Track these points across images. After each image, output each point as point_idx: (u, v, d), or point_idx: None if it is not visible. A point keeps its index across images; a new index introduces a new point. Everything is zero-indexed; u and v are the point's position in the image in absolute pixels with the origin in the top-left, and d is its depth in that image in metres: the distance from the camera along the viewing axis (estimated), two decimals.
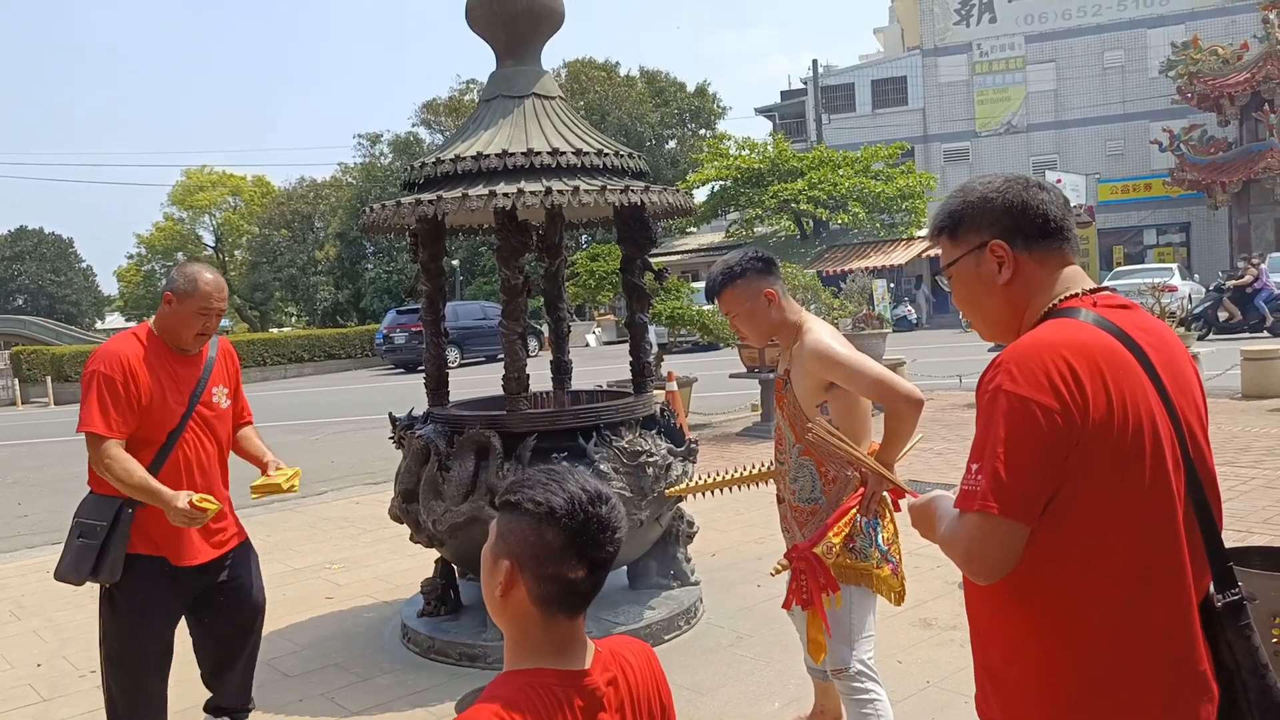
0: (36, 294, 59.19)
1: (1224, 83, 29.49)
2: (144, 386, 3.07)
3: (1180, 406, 1.53)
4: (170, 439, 3.14)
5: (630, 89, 43.69)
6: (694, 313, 12.42)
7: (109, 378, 3.02)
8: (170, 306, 3.13)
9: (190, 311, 3.12)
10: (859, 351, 2.91)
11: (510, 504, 1.39)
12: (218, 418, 3.29)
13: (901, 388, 2.76)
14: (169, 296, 3.13)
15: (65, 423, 18.98)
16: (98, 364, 3.05)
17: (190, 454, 3.18)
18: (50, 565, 6.93)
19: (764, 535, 6.15)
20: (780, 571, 2.92)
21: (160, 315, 3.18)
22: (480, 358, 26.40)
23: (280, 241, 49.97)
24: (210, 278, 3.17)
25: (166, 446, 3.13)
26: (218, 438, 3.30)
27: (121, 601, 3.15)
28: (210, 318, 3.15)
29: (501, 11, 4.60)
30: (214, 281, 3.17)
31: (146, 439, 3.10)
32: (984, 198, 1.67)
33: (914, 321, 29.78)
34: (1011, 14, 37.66)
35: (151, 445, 3.11)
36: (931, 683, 3.86)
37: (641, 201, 4.36)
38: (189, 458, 3.18)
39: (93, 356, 3.11)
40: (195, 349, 3.24)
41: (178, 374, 3.18)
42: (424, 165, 4.52)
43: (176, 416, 3.14)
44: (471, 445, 4.35)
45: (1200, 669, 1.50)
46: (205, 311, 3.13)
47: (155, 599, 3.17)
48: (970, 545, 1.47)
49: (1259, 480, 6.89)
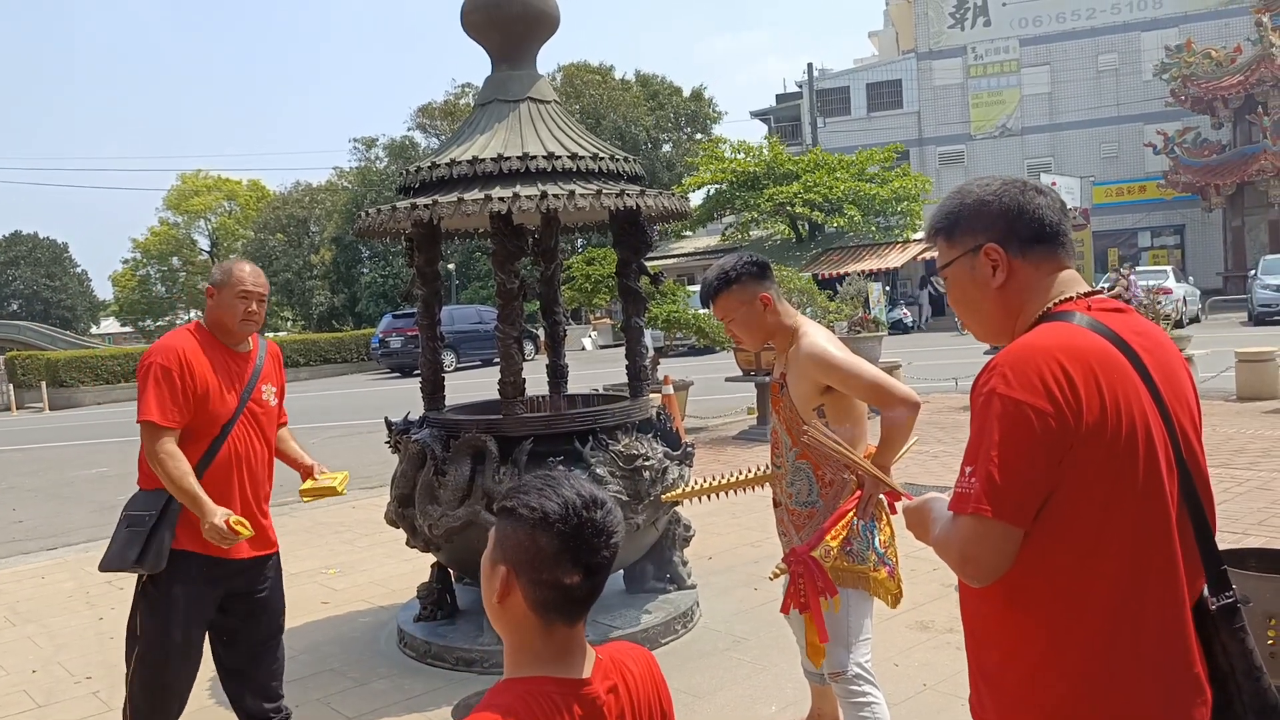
0: (31, 299, 59.07)
1: (1217, 85, 29.61)
2: (199, 377, 3.12)
3: (1174, 410, 1.53)
4: (223, 432, 3.17)
5: (625, 93, 43.76)
6: (690, 316, 12.44)
7: (165, 368, 3.07)
8: (213, 300, 3.23)
9: (230, 298, 3.19)
10: (855, 355, 2.92)
11: (507, 510, 1.39)
12: (267, 416, 3.34)
13: (898, 391, 2.76)
14: (210, 290, 3.24)
15: (60, 428, 18.96)
16: (154, 356, 3.12)
17: (241, 450, 3.22)
18: (45, 571, 6.93)
19: (761, 539, 6.15)
20: (779, 575, 2.92)
21: (207, 311, 3.28)
22: (476, 362, 26.39)
23: (276, 246, 49.91)
24: (247, 266, 3.27)
25: (219, 439, 3.17)
26: (266, 437, 3.34)
27: (157, 595, 3.16)
28: (250, 301, 3.21)
29: (496, 16, 4.60)
30: (249, 268, 3.26)
31: (201, 431, 3.14)
32: (980, 200, 1.67)
33: (910, 325, 29.81)
34: (1006, 17, 37.77)
35: (205, 438, 3.15)
36: (928, 685, 3.86)
37: (637, 205, 4.37)
38: (239, 453, 3.22)
39: (149, 350, 3.18)
40: (244, 339, 3.29)
41: (230, 368, 3.23)
42: (419, 170, 4.52)
43: (230, 410, 3.19)
44: (468, 449, 4.35)
45: (1194, 671, 1.50)
46: (245, 295, 3.20)
47: (192, 596, 3.18)
48: (964, 548, 1.48)
49: (1254, 482, 6.91)
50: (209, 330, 3.26)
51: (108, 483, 11.10)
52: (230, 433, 3.19)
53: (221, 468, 3.16)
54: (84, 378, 26.00)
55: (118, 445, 14.94)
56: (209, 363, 3.17)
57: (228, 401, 3.19)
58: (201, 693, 4.30)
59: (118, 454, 13.76)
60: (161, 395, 3.05)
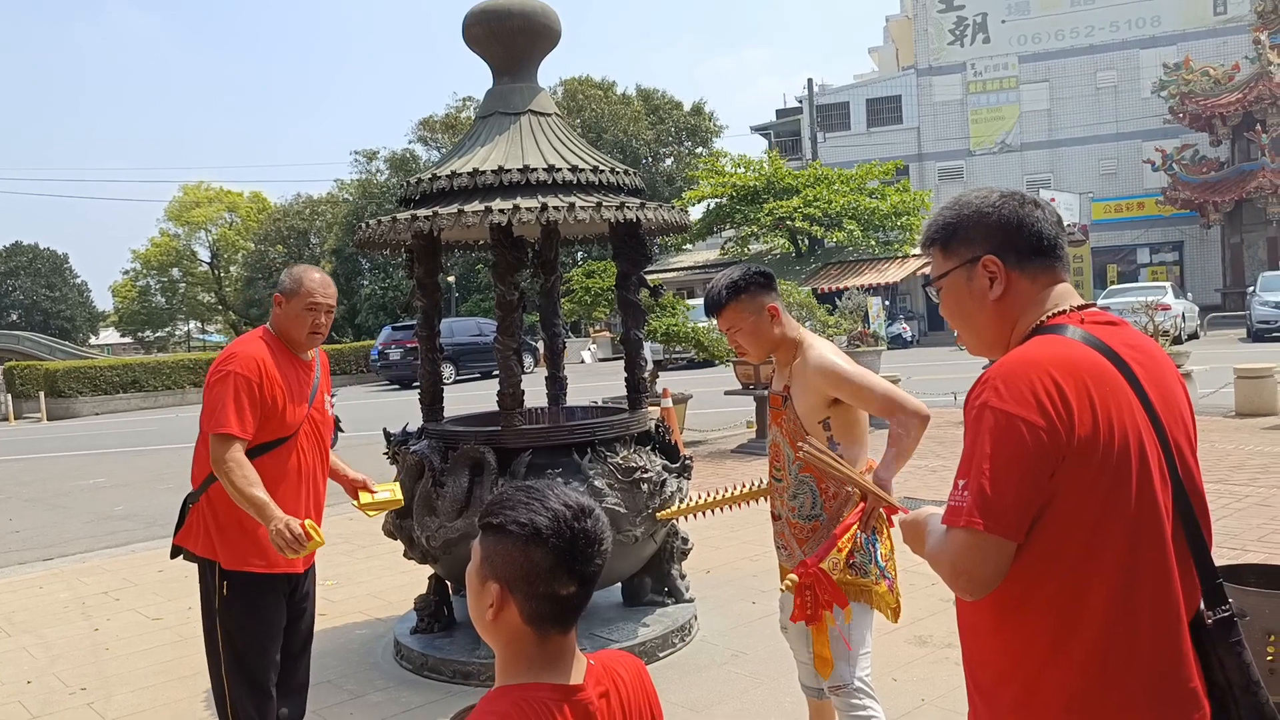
0: (31, 309, 59.07)
1: (1216, 103, 29.74)
2: (278, 387, 3.11)
3: (1167, 423, 1.53)
4: (290, 440, 3.16)
5: (626, 107, 43.92)
6: (689, 329, 12.43)
7: (246, 379, 3.04)
8: (280, 309, 3.21)
9: (298, 309, 3.18)
10: (865, 368, 2.91)
11: (493, 526, 1.37)
12: (325, 425, 3.35)
13: (910, 403, 2.75)
14: (278, 298, 3.22)
15: (58, 438, 18.93)
16: (234, 365, 3.06)
17: (308, 461, 3.22)
18: (42, 582, 6.91)
19: (759, 552, 6.14)
20: (790, 588, 2.90)
21: (274, 319, 3.26)
22: (476, 374, 26.37)
23: (276, 257, 50.01)
24: (316, 276, 3.25)
25: (287, 449, 3.15)
26: (325, 446, 3.34)
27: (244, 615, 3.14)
28: (319, 314, 3.20)
29: (498, 29, 4.63)
30: (319, 279, 3.24)
31: (271, 439, 3.12)
32: (979, 212, 1.66)
33: (909, 339, 29.82)
34: (1005, 34, 37.95)
35: (277, 448, 3.13)
36: (927, 700, 3.85)
37: (637, 218, 4.38)
38: (307, 464, 3.21)
39: (226, 358, 3.11)
40: (310, 349, 3.30)
41: (301, 378, 3.24)
42: (420, 181, 4.53)
43: (299, 420, 3.18)
44: (466, 461, 4.34)
45: (1191, 686, 1.50)
46: (313, 308, 3.18)
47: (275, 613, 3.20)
48: (956, 561, 1.47)
49: (1253, 498, 6.90)
50: (277, 337, 3.24)
51: (105, 493, 11.08)
52: (296, 442, 3.18)
53: (289, 478, 3.15)
54: (82, 388, 25.99)
55: (116, 456, 14.93)
56: (285, 372, 3.16)
57: (298, 412, 3.18)
58: (198, 705, 4.29)
59: (115, 465, 13.74)
60: (241, 406, 3.01)
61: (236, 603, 3.14)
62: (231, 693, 3.18)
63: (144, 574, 6.77)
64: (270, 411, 3.08)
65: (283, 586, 3.23)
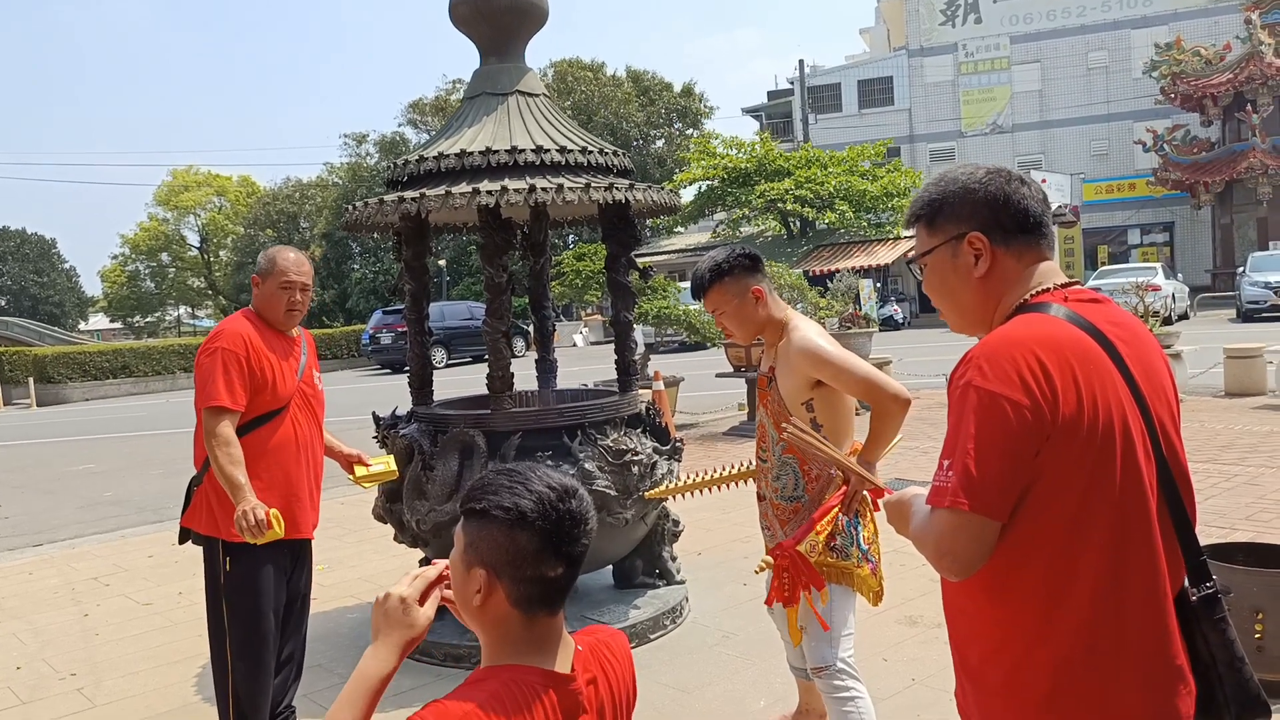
0: (19, 295, 58.70)
1: (1207, 83, 29.70)
2: (265, 360, 3.21)
3: (1151, 400, 1.52)
4: (274, 414, 3.24)
5: (617, 89, 43.67)
6: (680, 312, 12.42)
7: (234, 353, 3.15)
8: (258, 289, 3.31)
9: (274, 288, 3.27)
10: (846, 349, 2.91)
11: (477, 512, 1.36)
12: (317, 400, 3.45)
13: (890, 386, 2.76)
14: (255, 280, 3.32)
15: (47, 424, 18.85)
16: (221, 341, 3.19)
17: (301, 432, 3.31)
18: (31, 568, 6.88)
19: (750, 534, 6.14)
20: (764, 569, 2.92)
21: (254, 300, 3.36)
22: (467, 358, 26.33)
23: (266, 242, 49.62)
24: (290, 255, 3.33)
25: (281, 419, 3.25)
26: (317, 418, 3.43)
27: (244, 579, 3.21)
28: (294, 291, 3.28)
29: (485, 8, 4.58)
30: (293, 258, 3.32)
31: (263, 413, 3.21)
32: (966, 188, 1.64)
33: (900, 321, 29.87)
34: (996, 15, 37.82)
35: (270, 419, 3.23)
36: (916, 680, 3.86)
37: (626, 199, 4.35)
38: (301, 435, 3.31)
39: (214, 336, 3.24)
40: (290, 327, 3.37)
41: (290, 352, 3.34)
42: (408, 163, 4.49)
43: (289, 392, 3.28)
44: (456, 444, 4.33)
45: (1177, 663, 1.50)
46: (288, 285, 3.27)
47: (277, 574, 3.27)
48: (941, 541, 1.47)
49: (1242, 477, 6.93)
50: (258, 315, 3.33)
51: (95, 479, 11.04)
52: (286, 414, 3.27)
53: (288, 448, 3.27)
54: (72, 374, 25.88)
55: (105, 441, 14.87)
56: (272, 347, 3.26)
57: (288, 383, 3.28)
58: (188, 690, 4.28)
59: (105, 450, 13.70)
60: (230, 379, 3.12)
61: (240, 575, 3.21)
62: (235, 674, 3.21)
63: (134, 559, 6.76)
64: (261, 384, 3.19)
65: (285, 562, 3.32)
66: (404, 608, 1.41)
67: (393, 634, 1.40)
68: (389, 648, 1.39)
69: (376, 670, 1.38)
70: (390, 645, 1.39)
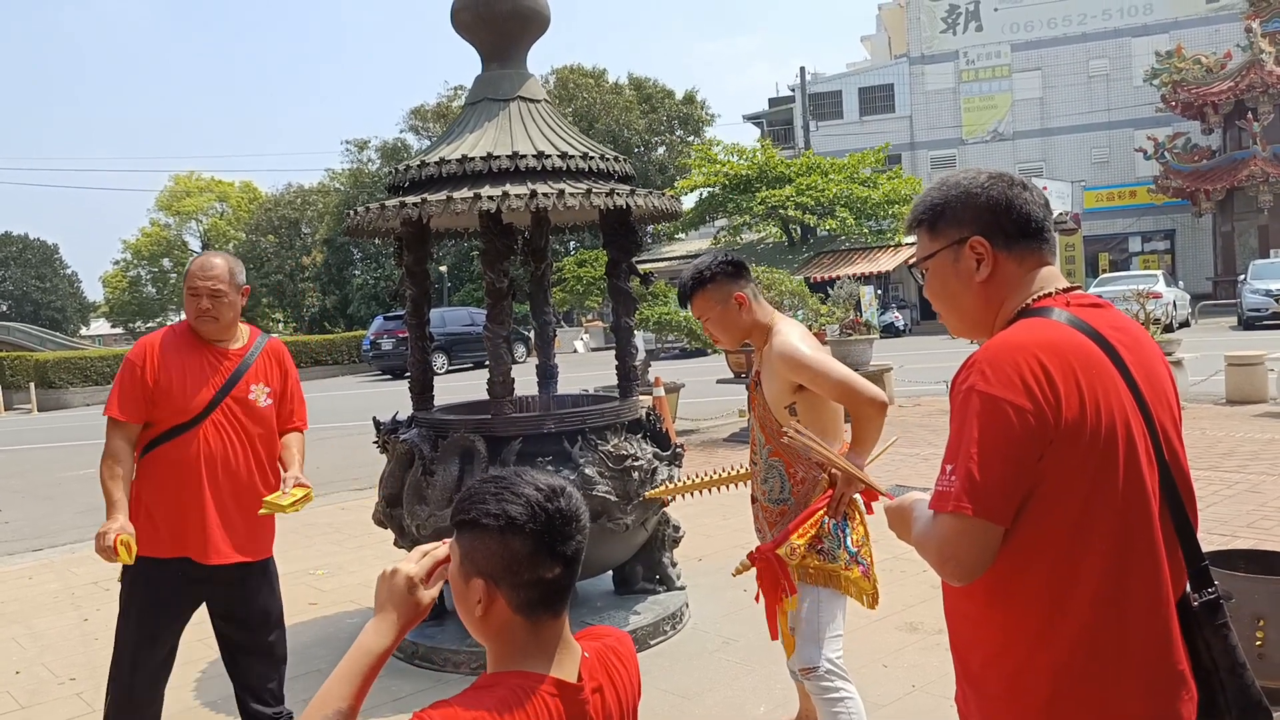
0: (21, 300, 58.74)
1: (1207, 91, 29.74)
2: (160, 371, 3.09)
3: (1153, 405, 1.52)
4: (191, 427, 3.09)
5: (619, 96, 43.73)
6: (681, 318, 12.42)
7: (131, 364, 3.11)
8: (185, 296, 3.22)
9: (186, 295, 3.17)
10: (831, 355, 2.94)
11: (467, 523, 1.35)
12: (251, 415, 3.21)
13: (866, 390, 2.77)
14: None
15: (48, 429, 18.85)
16: (130, 351, 3.18)
17: (215, 449, 3.12)
18: (31, 573, 6.87)
19: (750, 540, 6.09)
20: (743, 571, 2.96)
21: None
22: (468, 364, 26.33)
23: (268, 247, 49.77)
24: (200, 260, 3.19)
25: (190, 437, 3.09)
26: (251, 437, 3.21)
27: (125, 598, 3.14)
28: (200, 297, 3.11)
29: (487, 14, 4.59)
30: (200, 262, 3.17)
31: (164, 425, 3.10)
32: (968, 193, 1.64)
33: (902, 328, 29.89)
34: (997, 22, 37.89)
35: (177, 434, 3.11)
36: (917, 687, 3.85)
37: (627, 205, 4.35)
38: (212, 453, 3.11)
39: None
40: (211, 335, 3.19)
41: (209, 365, 3.16)
42: (409, 168, 4.50)
43: (198, 408, 3.10)
44: (456, 449, 4.33)
45: (1179, 668, 1.49)
46: (193, 292, 3.13)
47: (156, 599, 3.13)
48: (944, 546, 1.46)
49: (1243, 485, 6.92)
50: (189, 326, 3.23)
51: (94, 484, 10.99)
52: (201, 429, 3.10)
53: (189, 464, 3.08)
54: (73, 379, 25.90)
55: None
56: (180, 357, 3.13)
57: (197, 396, 3.11)
58: (186, 694, 4.27)
59: None
60: (123, 390, 3.07)
61: (124, 597, 3.13)
62: (107, 696, 3.14)
63: None
64: (160, 396, 3.07)
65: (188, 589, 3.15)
66: (410, 586, 1.40)
67: (396, 611, 1.39)
68: (390, 624, 1.39)
69: (378, 645, 1.38)
70: (392, 622, 1.39)
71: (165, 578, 3.11)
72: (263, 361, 3.29)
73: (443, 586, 1.43)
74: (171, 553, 3.09)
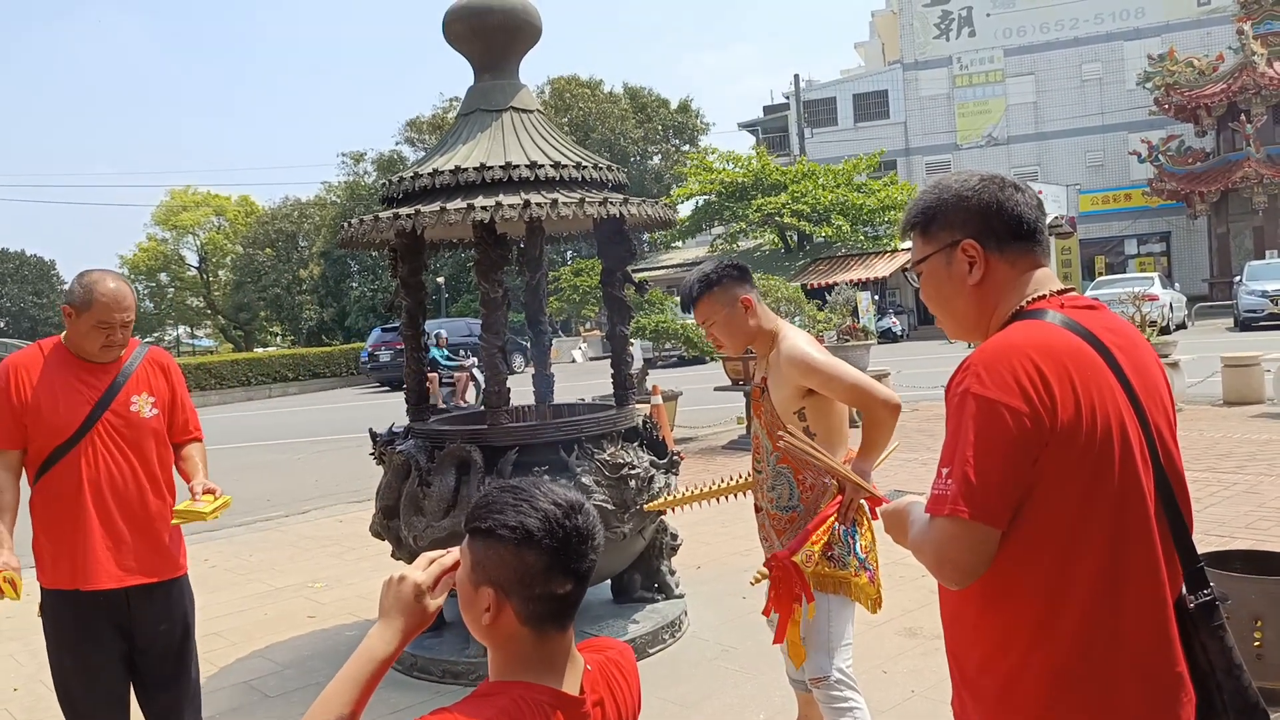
0: (18, 316, 58.68)
1: (1200, 94, 29.84)
2: (29, 393, 2.87)
3: (1148, 407, 1.52)
4: (64, 450, 2.89)
5: (614, 105, 43.84)
6: (678, 326, 12.43)
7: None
8: (70, 320, 2.91)
9: (88, 326, 2.88)
10: (836, 358, 2.92)
11: (482, 531, 1.34)
12: (134, 429, 2.98)
13: (879, 393, 2.76)
14: (66, 310, 2.90)
15: None
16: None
17: (98, 469, 2.91)
18: (27, 589, 6.84)
19: (749, 547, 6.12)
20: (760, 580, 2.91)
21: (66, 331, 2.98)
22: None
23: (264, 261, 49.77)
24: (110, 287, 2.89)
25: (74, 458, 2.89)
26: (140, 451, 2.99)
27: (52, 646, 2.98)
28: (113, 330, 2.89)
29: (478, 25, 4.60)
30: (112, 291, 2.88)
31: (43, 449, 2.91)
32: (959, 196, 1.65)
33: (899, 333, 29.92)
34: (990, 28, 38.03)
35: (61, 457, 2.90)
36: (917, 692, 3.84)
37: (620, 213, 4.36)
38: (95, 474, 2.90)
39: None
40: (108, 359, 2.98)
41: (81, 381, 2.93)
42: (402, 180, 4.51)
43: (72, 426, 2.89)
44: (452, 460, 4.32)
45: (1177, 670, 1.49)
46: (105, 325, 2.88)
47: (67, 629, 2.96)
48: (940, 549, 1.46)
49: (1240, 486, 6.92)
50: (65, 345, 2.98)
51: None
52: (78, 451, 2.89)
53: (69, 489, 2.89)
54: None
55: None
56: (49, 377, 2.91)
57: (71, 415, 2.89)
58: None
59: None
60: None
61: (45, 627, 2.98)
62: None
63: None
64: (30, 417, 2.87)
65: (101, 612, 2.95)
66: (417, 593, 1.39)
67: (402, 618, 1.39)
68: (395, 631, 1.38)
69: (382, 651, 1.37)
70: (397, 629, 1.38)
71: (77, 609, 2.93)
72: (144, 371, 3.05)
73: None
74: (71, 584, 2.92)
